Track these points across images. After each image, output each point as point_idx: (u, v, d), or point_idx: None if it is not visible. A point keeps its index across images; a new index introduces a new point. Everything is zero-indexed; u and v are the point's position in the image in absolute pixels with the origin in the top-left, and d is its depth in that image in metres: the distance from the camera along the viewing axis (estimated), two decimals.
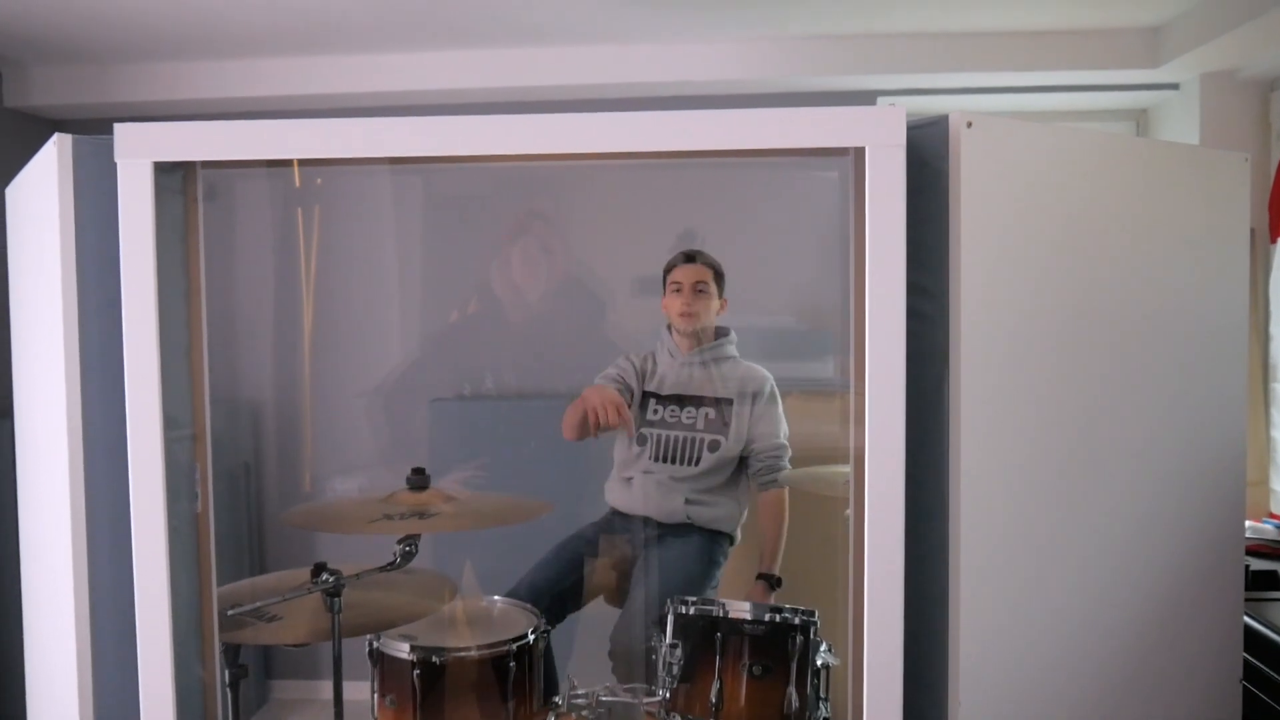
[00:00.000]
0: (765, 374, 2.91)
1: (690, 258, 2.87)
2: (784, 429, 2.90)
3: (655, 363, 2.93)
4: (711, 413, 2.87)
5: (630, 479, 2.89)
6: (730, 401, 2.87)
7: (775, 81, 3.55)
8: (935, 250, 1.77)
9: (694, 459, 2.84)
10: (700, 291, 2.84)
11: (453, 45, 3.51)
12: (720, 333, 2.93)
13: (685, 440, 2.86)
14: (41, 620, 2.19)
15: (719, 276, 2.89)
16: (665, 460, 2.86)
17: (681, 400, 2.88)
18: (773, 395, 2.89)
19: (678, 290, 2.85)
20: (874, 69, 3.47)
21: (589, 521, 2.95)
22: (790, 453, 2.90)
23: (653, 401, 2.89)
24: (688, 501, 2.84)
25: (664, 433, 2.88)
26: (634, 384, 2.91)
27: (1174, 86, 3.55)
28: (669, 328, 2.91)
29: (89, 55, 3.55)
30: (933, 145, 1.76)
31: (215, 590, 1.95)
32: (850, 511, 1.84)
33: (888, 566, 1.74)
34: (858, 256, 1.77)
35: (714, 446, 2.85)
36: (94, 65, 3.66)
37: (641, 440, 2.88)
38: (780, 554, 2.86)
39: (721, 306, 2.90)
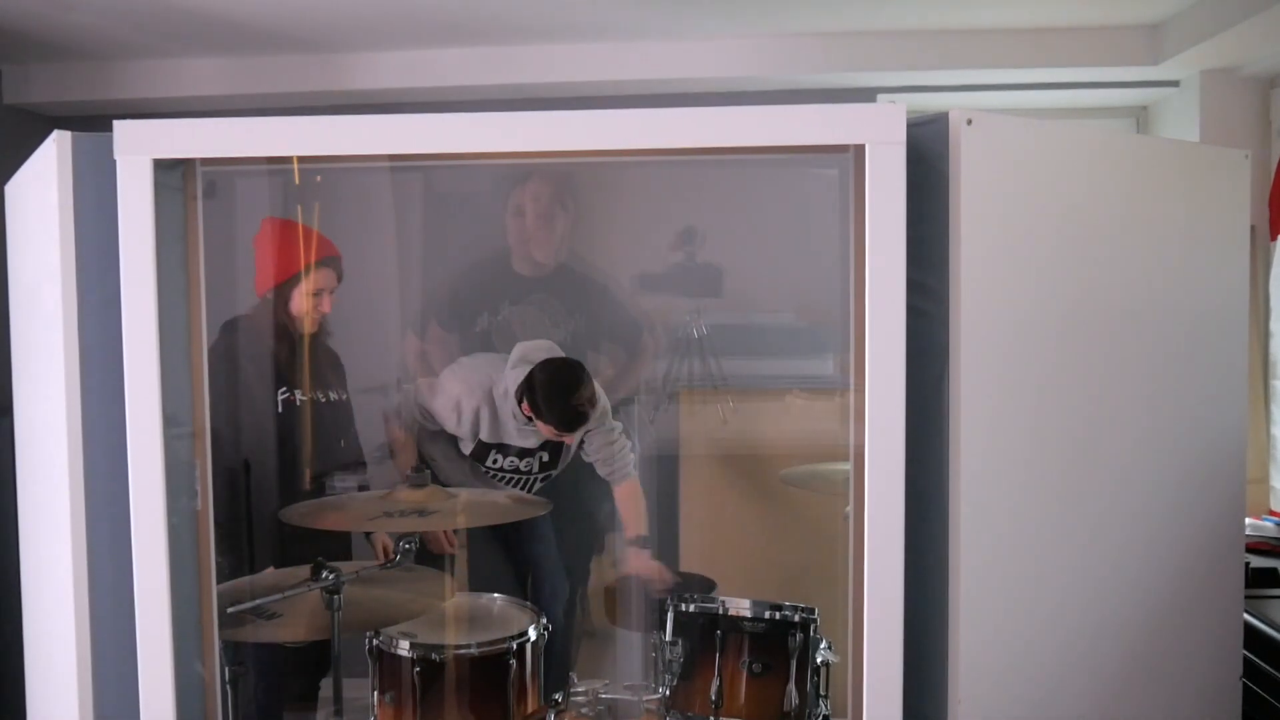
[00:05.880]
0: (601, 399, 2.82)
1: (568, 428, 2.66)
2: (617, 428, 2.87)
3: (493, 418, 2.76)
4: (545, 456, 2.86)
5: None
6: (563, 445, 2.84)
7: (775, 79, 3.54)
8: (935, 248, 1.77)
9: (528, 488, 2.90)
10: None
11: (452, 43, 3.50)
12: None
13: (518, 480, 2.89)
14: (42, 619, 2.19)
15: None
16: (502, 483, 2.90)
17: (523, 452, 2.83)
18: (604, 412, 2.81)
19: (556, 434, 2.68)
20: (874, 66, 3.46)
21: None
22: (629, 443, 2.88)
23: (493, 452, 2.82)
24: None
25: (501, 475, 2.87)
26: (462, 431, 2.78)
27: (1174, 83, 3.54)
28: (519, 401, 2.68)
29: (88, 52, 3.55)
30: (933, 143, 1.76)
31: (215, 588, 1.94)
32: (850, 509, 1.84)
33: (887, 564, 1.74)
34: (858, 254, 1.77)
35: (545, 480, 2.90)
36: (93, 62, 3.65)
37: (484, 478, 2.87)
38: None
39: None
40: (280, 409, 2.56)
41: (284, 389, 2.57)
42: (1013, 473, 1.84)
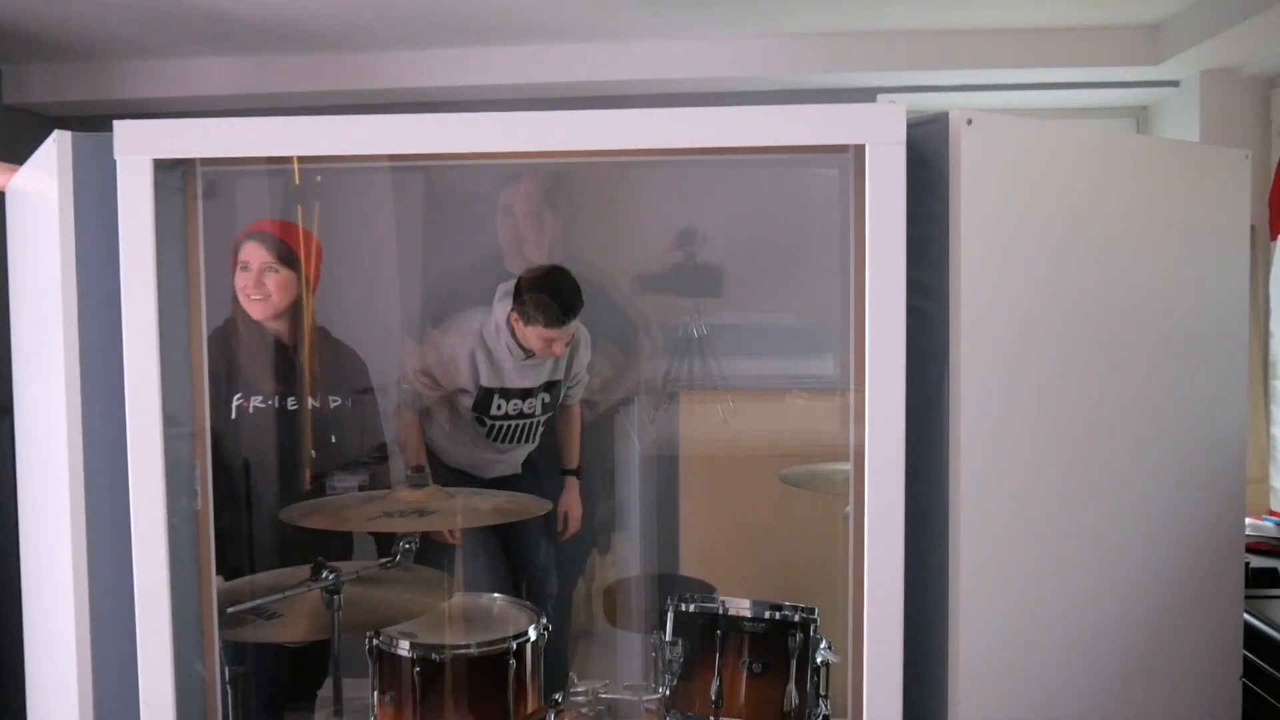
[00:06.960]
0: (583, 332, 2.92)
1: (557, 320, 2.67)
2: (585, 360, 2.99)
3: (489, 359, 2.80)
4: (547, 397, 2.92)
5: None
6: (559, 383, 2.93)
7: (775, 79, 3.54)
8: (935, 248, 1.77)
9: (532, 433, 2.96)
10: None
11: (452, 43, 3.50)
12: None
13: (524, 425, 2.93)
14: (42, 619, 2.19)
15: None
16: (508, 441, 2.94)
17: (525, 393, 2.87)
18: (585, 343, 2.94)
19: (546, 342, 2.72)
20: (874, 66, 3.47)
21: None
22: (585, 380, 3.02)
23: (496, 398, 2.85)
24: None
25: (507, 423, 2.90)
26: (463, 381, 2.83)
27: (1174, 83, 3.54)
28: (509, 327, 2.75)
29: (88, 52, 3.55)
30: (933, 143, 1.76)
31: (215, 588, 1.94)
32: (850, 509, 1.84)
33: (887, 564, 1.74)
34: (858, 254, 1.77)
35: (546, 423, 2.98)
36: (94, 62, 3.65)
37: (490, 433, 2.91)
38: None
39: None
40: (235, 415, 2.54)
41: (239, 395, 2.54)
42: (1012, 472, 1.84)
